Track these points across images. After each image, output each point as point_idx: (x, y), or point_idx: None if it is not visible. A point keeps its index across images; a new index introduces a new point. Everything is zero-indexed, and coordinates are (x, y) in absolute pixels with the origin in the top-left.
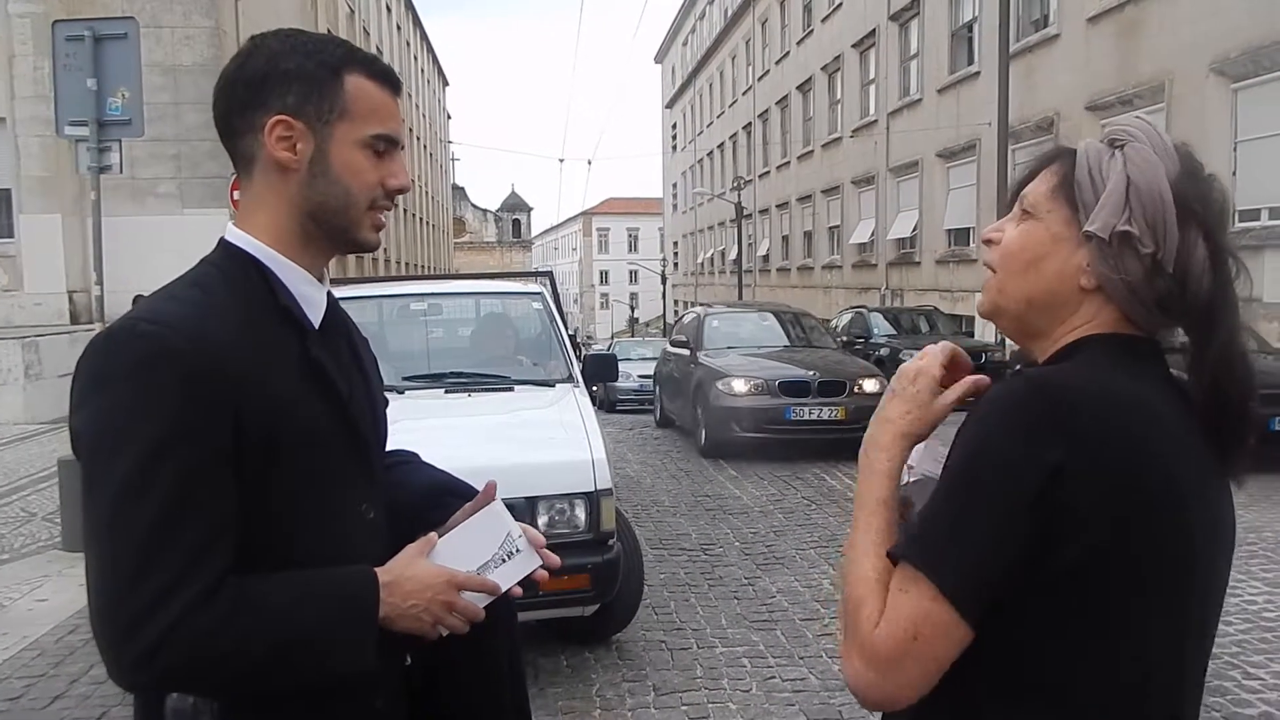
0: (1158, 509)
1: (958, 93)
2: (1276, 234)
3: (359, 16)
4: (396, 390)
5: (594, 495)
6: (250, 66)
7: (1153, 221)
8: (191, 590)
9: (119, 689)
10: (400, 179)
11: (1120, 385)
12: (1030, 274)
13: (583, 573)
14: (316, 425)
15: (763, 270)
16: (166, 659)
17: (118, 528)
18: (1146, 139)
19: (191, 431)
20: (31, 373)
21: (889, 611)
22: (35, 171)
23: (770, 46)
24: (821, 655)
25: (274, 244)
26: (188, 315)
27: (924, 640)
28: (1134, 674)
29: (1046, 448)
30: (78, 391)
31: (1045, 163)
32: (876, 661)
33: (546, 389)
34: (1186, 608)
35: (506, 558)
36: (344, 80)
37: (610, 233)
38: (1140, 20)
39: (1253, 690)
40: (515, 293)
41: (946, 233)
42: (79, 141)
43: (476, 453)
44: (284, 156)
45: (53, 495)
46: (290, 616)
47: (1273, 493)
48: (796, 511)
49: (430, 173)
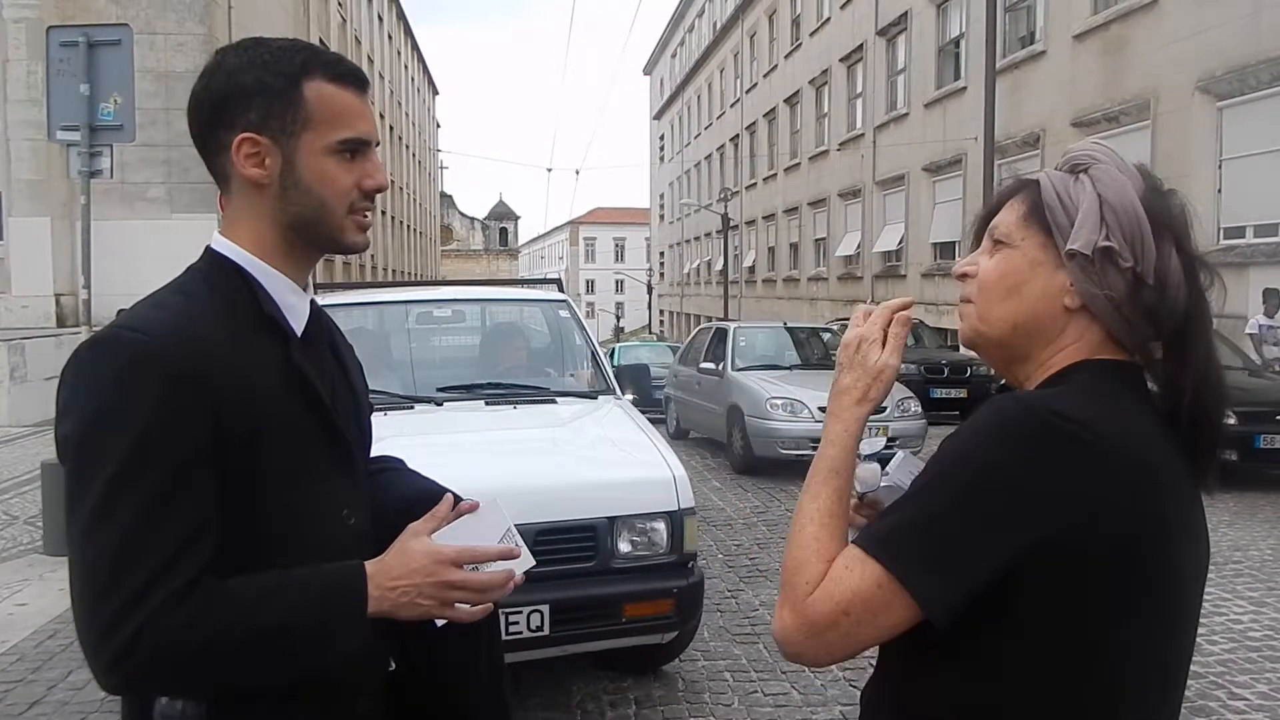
0: (1161, 540)
1: (944, 108)
2: (1262, 251)
3: (350, 25)
4: (435, 402)
5: (677, 514)
6: (213, 86)
7: (1130, 236)
8: (165, 591)
9: (99, 696)
10: (376, 178)
11: (1126, 415)
12: (1012, 300)
13: (666, 597)
14: (298, 430)
15: (749, 281)
16: (138, 660)
17: (96, 534)
18: (1109, 160)
19: (170, 437)
20: (17, 375)
21: (828, 583)
22: (25, 175)
23: (758, 60)
24: (804, 670)
25: (258, 254)
26: (170, 321)
27: (854, 619)
28: (1115, 698)
29: (1041, 475)
30: (63, 399)
31: (1008, 195)
32: (805, 623)
33: (589, 401)
34: (1171, 632)
35: None
36: (303, 89)
37: (597, 242)
38: (1126, 38)
39: (1238, 711)
40: (541, 300)
41: (932, 246)
42: (70, 146)
43: (549, 470)
44: (254, 174)
45: (35, 499)
46: (271, 609)
47: (1257, 510)
48: (780, 524)
49: (418, 180)
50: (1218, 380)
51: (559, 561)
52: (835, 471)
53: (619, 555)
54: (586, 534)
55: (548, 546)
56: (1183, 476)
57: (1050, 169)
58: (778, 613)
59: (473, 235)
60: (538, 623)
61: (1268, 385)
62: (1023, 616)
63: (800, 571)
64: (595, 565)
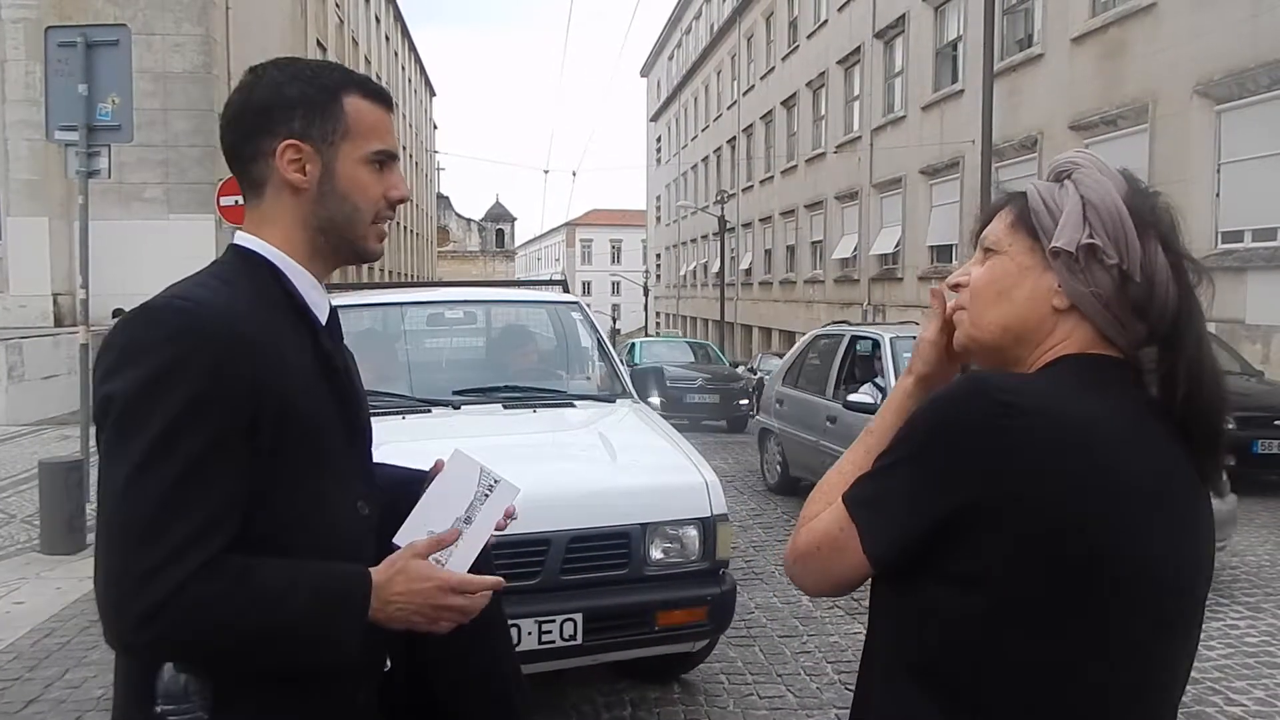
0: (1097, 524)
1: (942, 110)
2: (1260, 255)
3: (348, 27)
4: (451, 405)
5: (710, 521)
6: (257, 96)
7: (1113, 234)
8: (201, 555)
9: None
10: (401, 190)
11: (1070, 399)
12: (1003, 303)
13: (700, 605)
14: (323, 415)
15: (745, 284)
16: (169, 618)
17: (137, 488)
18: (1091, 164)
19: (218, 404)
20: (14, 374)
21: (816, 520)
22: (23, 175)
23: (755, 62)
24: (800, 673)
25: (286, 253)
26: (215, 298)
27: (823, 554)
28: (1073, 687)
29: (972, 457)
30: (110, 361)
31: (998, 207)
32: (794, 550)
33: (607, 404)
34: (1134, 626)
35: (488, 492)
36: (343, 102)
37: (594, 244)
38: (1124, 41)
39: (1234, 717)
40: (552, 301)
41: (929, 249)
42: (68, 146)
43: (580, 476)
44: (295, 178)
45: (32, 498)
46: (283, 603)
47: (1254, 516)
48: (776, 527)
49: (416, 182)
50: (1213, 376)
51: (592, 569)
52: (870, 431)
53: (651, 563)
54: (620, 541)
55: (581, 554)
56: (1150, 467)
57: (1038, 180)
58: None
59: (469, 237)
60: (571, 632)
61: (1266, 390)
62: (953, 574)
63: (809, 506)
64: (628, 573)
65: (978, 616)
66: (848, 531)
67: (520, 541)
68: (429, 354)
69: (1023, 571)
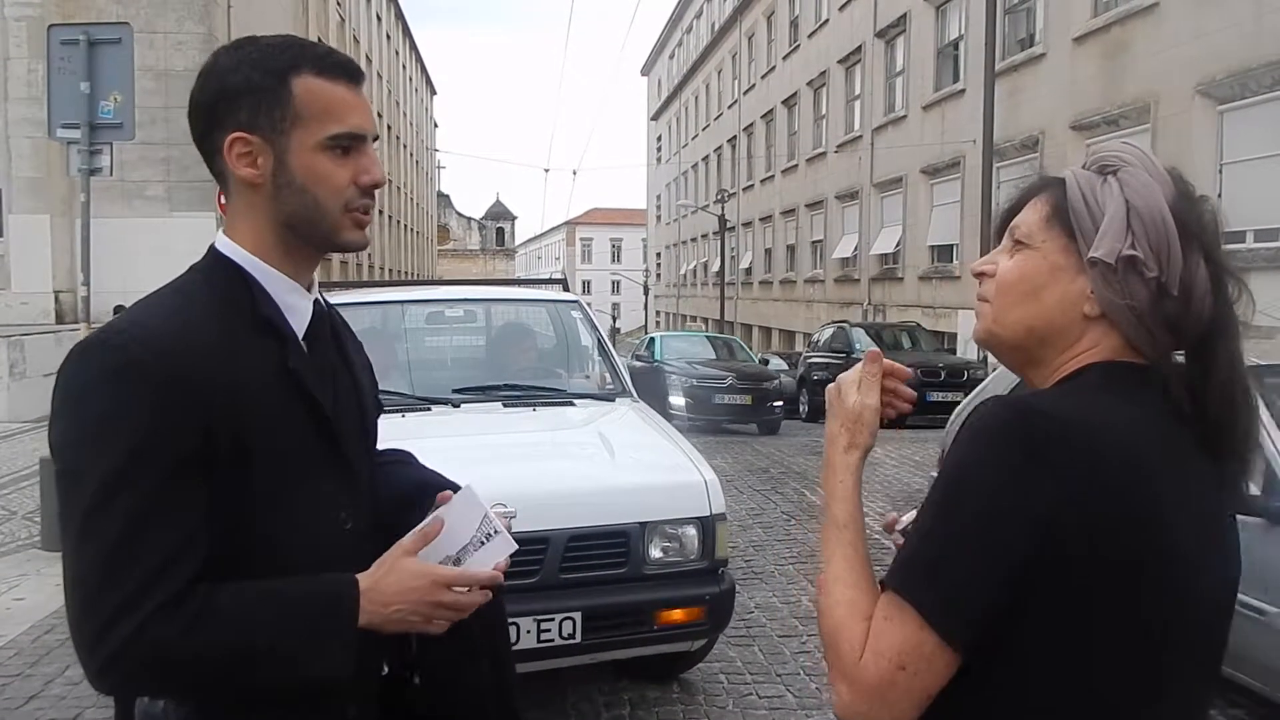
0: (1143, 540)
1: (942, 110)
2: (1263, 256)
3: (349, 25)
4: (451, 404)
5: (709, 520)
6: (206, 88)
7: (1156, 245)
8: (154, 601)
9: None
10: (373, 173)
11: (1104, 412)
12: (1030, 303)
13: (699, 605)
14: (292, 434)
15: (745, 283)
16: (127, 667)
17: (86, 540)
18: (1139, 163)
19: (159, 443)
20: (16, 371)
21: (873, 640)
22: (25, 172)
23: (756, 61)
24: (799, 673)
25: (258, 253)
26: (163, 325)
27: (911, 670)
28: (1119, 703)
29: (1033, 481)
30: (55, 405)
31: (1032, 193)
32: (864, 691)
33: (607, 403)
34: (1172, 638)
35: (485, 540)
36: (291, 85)
37: (594, 243)
38: (1126, 41)
39: (1234, 719)
40: (553, 300)
41: (930, 249)
42: (70, 144)
43: (579, 474)
44: (247, 173)
45: (33, 494)
46: (259, 624)
47: None
48: (775, 526)
49: (416, 180)
50: (1244, 392)
51: (591, 568)
52: (844, 526)
53: (650, 561)
54: (619, 540)
55: (580, 553)
56: (1181, 479)
57: (1078, 168)
58: (834, 689)
59: (470, 235)
60: (569, 630)
61: None
62: (1036, 620)
63: (840, 636)
64: (627, 572)
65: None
66: (926, 630)
67: (519, 540)
68: (429, 352)
69: (1101, 598)
